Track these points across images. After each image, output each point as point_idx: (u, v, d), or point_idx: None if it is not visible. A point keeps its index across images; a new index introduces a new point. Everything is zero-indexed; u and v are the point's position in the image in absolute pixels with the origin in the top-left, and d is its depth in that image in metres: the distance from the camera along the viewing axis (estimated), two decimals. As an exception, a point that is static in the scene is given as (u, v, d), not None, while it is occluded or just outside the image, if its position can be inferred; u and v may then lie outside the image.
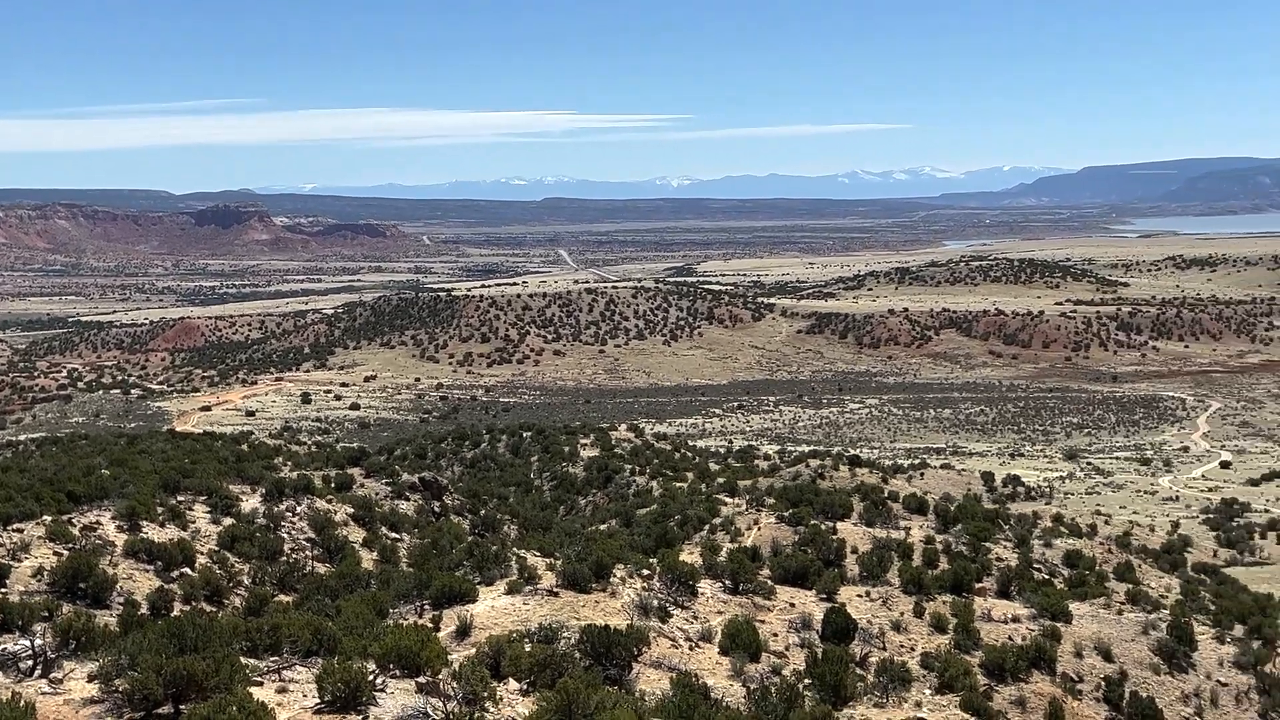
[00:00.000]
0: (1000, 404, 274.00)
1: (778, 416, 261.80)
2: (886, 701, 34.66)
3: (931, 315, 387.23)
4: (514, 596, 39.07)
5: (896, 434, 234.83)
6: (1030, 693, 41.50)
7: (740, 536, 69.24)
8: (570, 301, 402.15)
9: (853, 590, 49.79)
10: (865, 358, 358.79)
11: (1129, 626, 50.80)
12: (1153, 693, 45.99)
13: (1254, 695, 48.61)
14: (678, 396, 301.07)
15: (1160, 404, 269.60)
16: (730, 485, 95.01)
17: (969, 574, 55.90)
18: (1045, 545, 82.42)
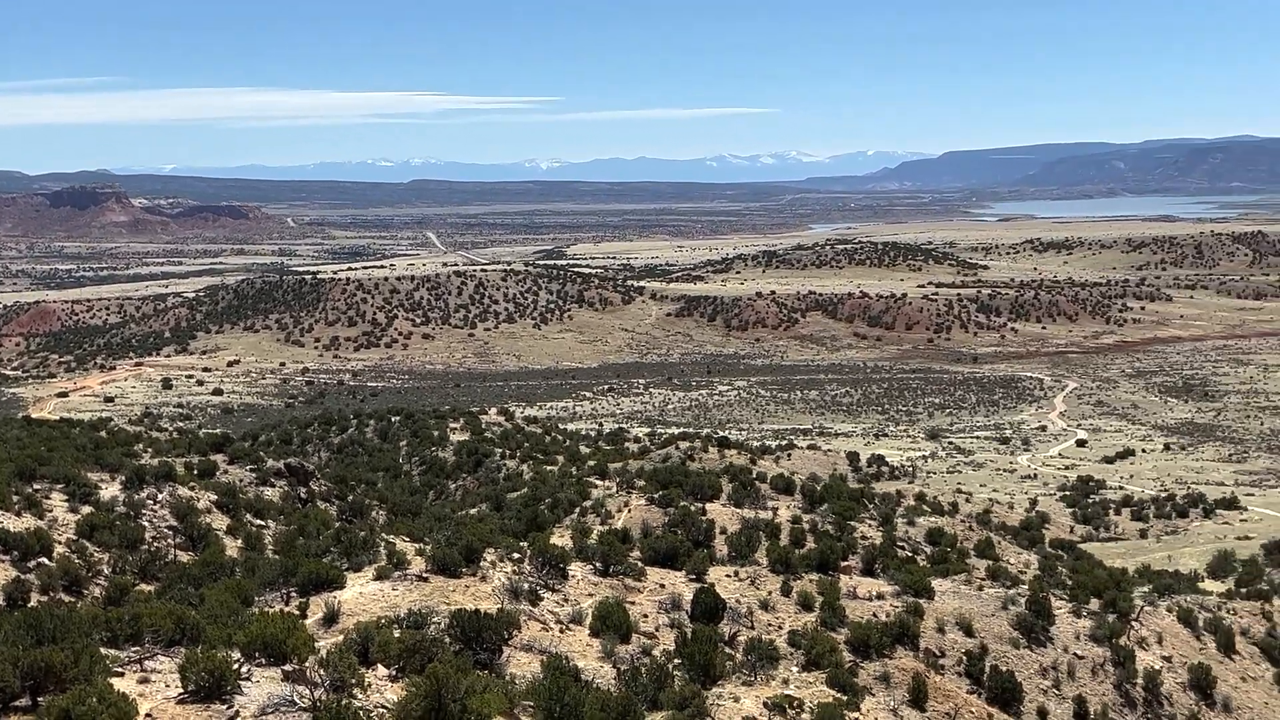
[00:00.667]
0: (865, 385, 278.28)
1: (648, 399, 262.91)
2: (755, 679, 35.06)
3: (798, 298, 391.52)
4: (383, 582, 38.74)
5: (765, 415, 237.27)
6: (894, 668, 42.29)
7: (611, 519, 69.46)
8: (439, 284, 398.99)
9: (722, 570, 50.23)
10: (734, 340, 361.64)
11: (989, 602, 51.98)
12: (1012, 666, 47.17)
13: (1109, 667, 50.10)
14: (548, 380, 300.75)
15: (1019, 384, 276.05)
16: (601, 468, 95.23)
17: (835, 553, 56.76)
18: (909, 523, 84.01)
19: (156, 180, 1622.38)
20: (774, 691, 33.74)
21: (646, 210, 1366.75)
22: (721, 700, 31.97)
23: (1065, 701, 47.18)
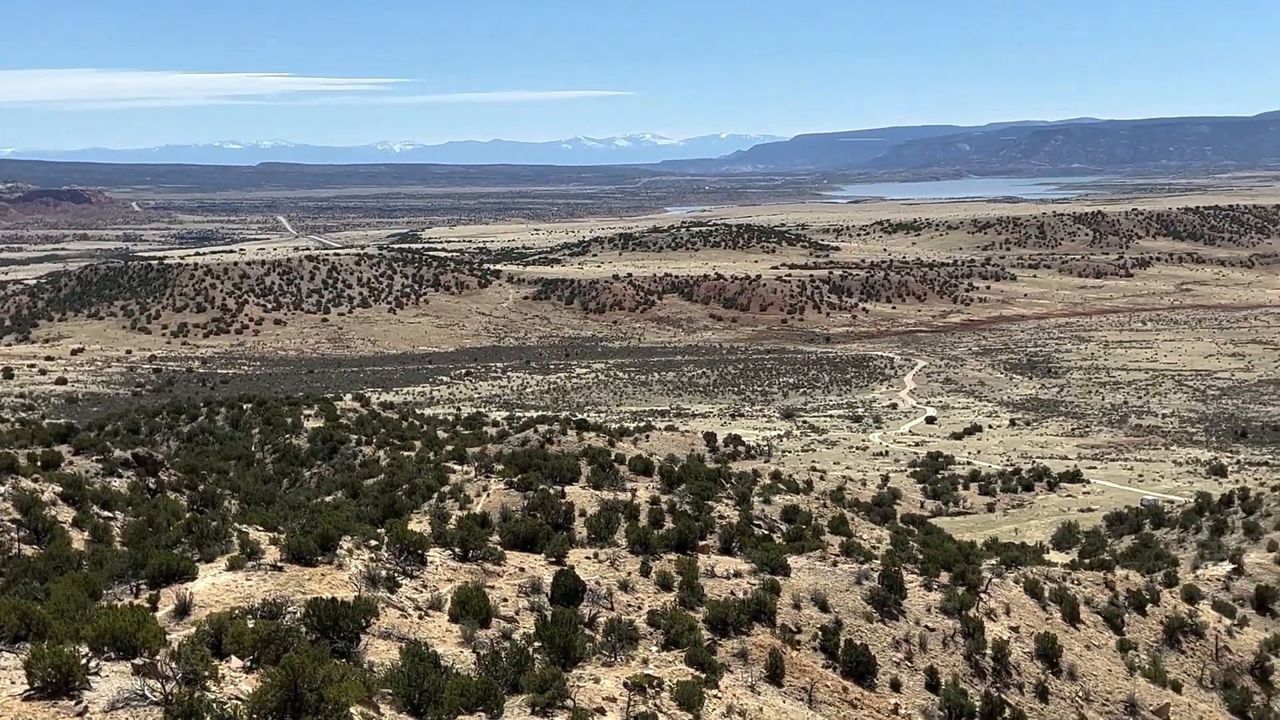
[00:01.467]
0: (721, 366, 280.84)
1: (506, 383, 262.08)
2: (615, 660, 35.20)
3: (655, 280, 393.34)
4: (236, 573, 38.04)
5: (623, 397, 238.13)
6: (752, 645, 42.80)
7: (470, 504, 69.14)
8: (291, 269, 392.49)
9: (582, 552, 50.32)
10: (591, 323, 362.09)
11: (844, 577, 52.85)
12: (866, 640, 48.05)
13: (959, 639, 51.32)
14: (404, 365, 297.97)
15: (870, 363, 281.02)
16: (459, 452, 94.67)
17: (693, 532, 57.24)
18: (765, 502, 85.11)
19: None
20: (634, 671, 33.92)
21: (502, 193, 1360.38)
22: (582, 682, 32.05)
23: (918, 673, 48.22)
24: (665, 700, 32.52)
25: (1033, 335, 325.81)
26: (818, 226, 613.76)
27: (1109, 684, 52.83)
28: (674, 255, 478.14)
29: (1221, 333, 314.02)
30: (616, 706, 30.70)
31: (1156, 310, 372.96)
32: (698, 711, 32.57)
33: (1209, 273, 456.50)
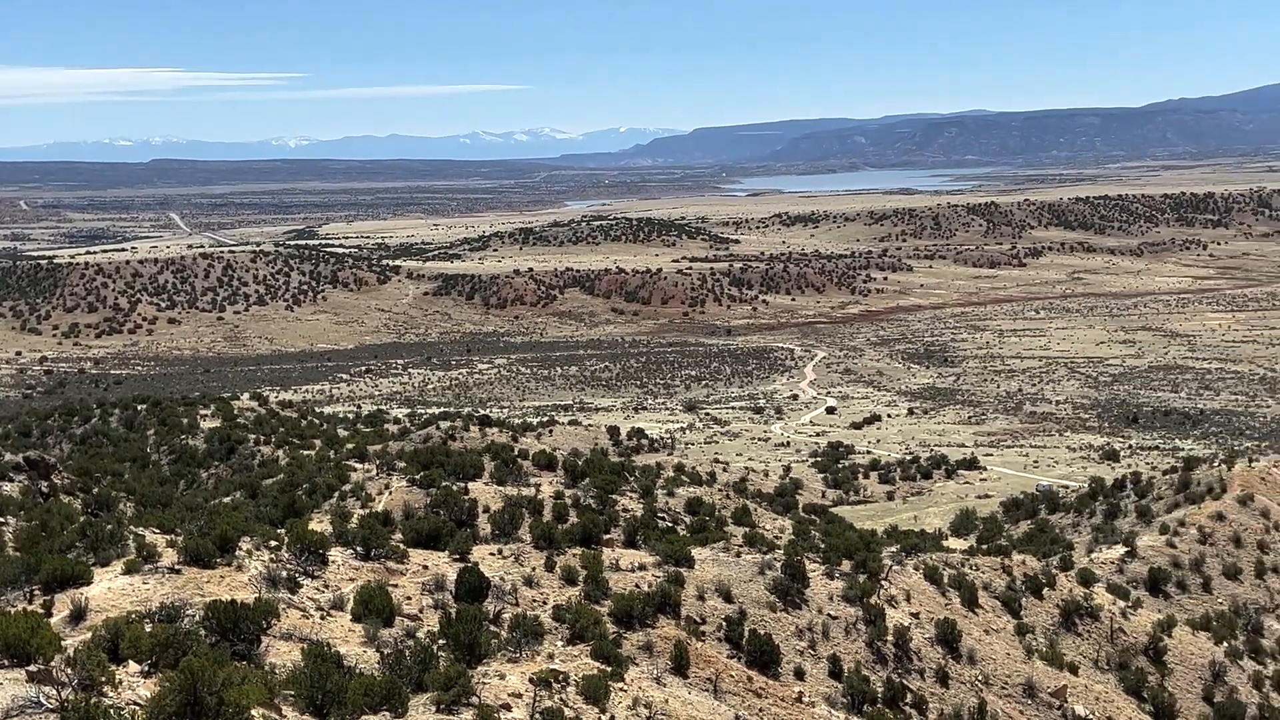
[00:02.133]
0: (624, 359, 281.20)
1: (407, 379, 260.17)
2: (520, 655, 35.16)
3: (556, 275, 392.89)
4: (133, 576, 37.41)
5: (526, 392, 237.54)
6: (657, 637, 42.96)
7: (371, 502, 68.59)
8: (185, 267, 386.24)
9: (486, 549, 50.16)
10: (493, 318, 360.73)
11: (747, 568, 53.21)
12: (770, 629, 48.44)
13: (861, 626, 51.93)
14: (303, 363, 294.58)
15: (771, 355, 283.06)
16: (360, 451, 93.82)
17: (598, 526, 57.30)
18: (669, 494, 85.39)
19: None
20: (540, 667, 33.90)
21: (400, 188, 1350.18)
22: (487, 678, 31.97)
23: (821, 661, 48.71)
24: (571, 695, 32.54)
25: (929, 325, 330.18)
26: (717, 219, 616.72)
27: (1008, 667, 53.74)
28: (575, 249, 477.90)
29: (1112, 320, 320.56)
30: (522, 702, 30.66)
31: (1049, 299, 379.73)
32: (604, 705, 32.63)
33: (1100, 261, 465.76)
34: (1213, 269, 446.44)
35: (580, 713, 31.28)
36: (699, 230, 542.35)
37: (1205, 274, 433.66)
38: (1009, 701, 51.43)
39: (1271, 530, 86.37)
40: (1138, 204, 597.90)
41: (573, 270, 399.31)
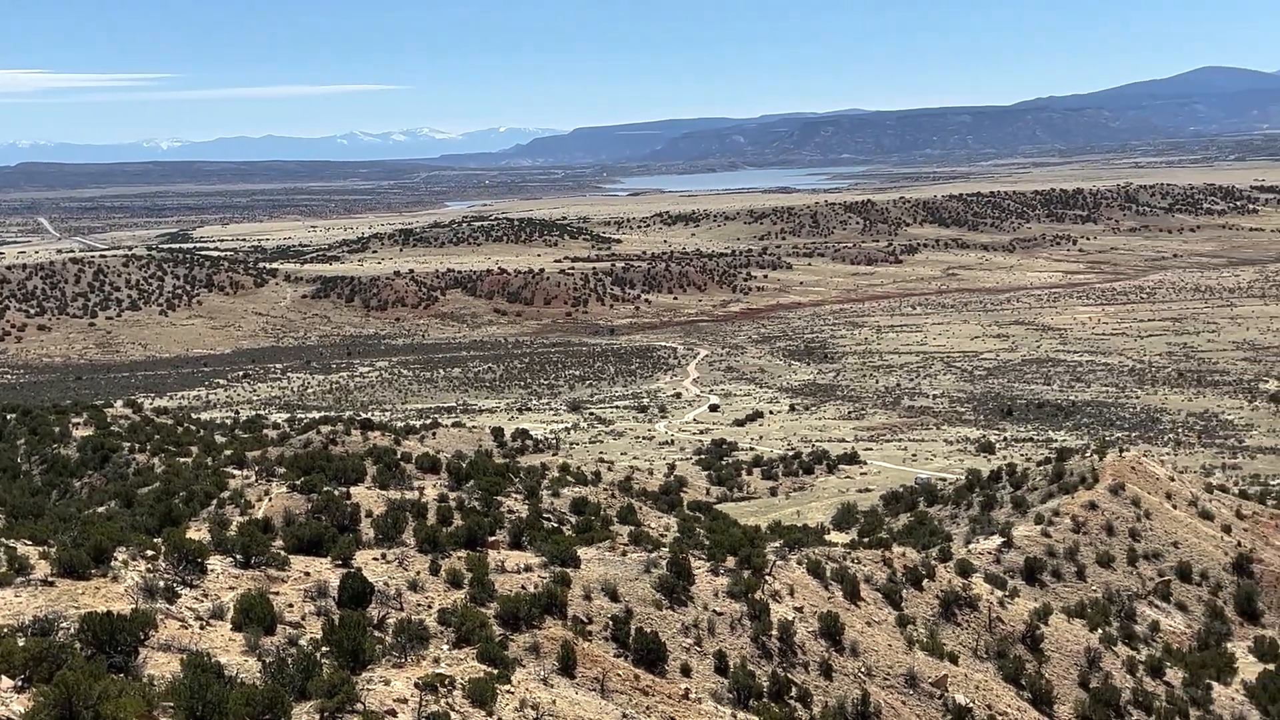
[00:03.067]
0: (507, 360, 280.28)
1: (286, 384, 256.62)
2: (406, 660, 34.90)
3: (437, 276, 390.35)
4: (4, 589, 36.42)
5: (408, 395, 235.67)
6: (544, 638, 42.90)
7: (251, 509, 67.56)
8: (54, 273, 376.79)
9: (369, 554, 49.71)
10: (373, 320, 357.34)
11: (633, 566, 53.35)
12: (656, 627, 48.62)
13: (746, 622, 52.34)
14: (178, 368, 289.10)
15: (654, 353, 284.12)
16: (238, 457, 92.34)
17: (482, 528, 57.06)
18: (554, 494, 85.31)
19: None
20: (425, 671, 33.67)
21: (276, 190, 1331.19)
22: (372, 684, 31.68)
23: (707, 657, 49.01)
24: (458, 698, 32.37)
25: (809, 322, 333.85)
26: (599, 219, 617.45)
27: (890, 658, 54.53)
28: (456, 250, 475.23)
29: (986, 315, 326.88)
30: (408, 707, 30.42)
31: (925, 295, 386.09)
32: (491, 707, 32.51)
33: (973, 258, 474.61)
34: (1082, 264, 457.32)
35: (467, 716, 31.13)
36: (581, 230, 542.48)
37: (1075, 269, 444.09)
38: (891, 692, 52.20)
39: (1143, 518, 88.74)
40: (1010, 201, 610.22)
41: (454, 271, 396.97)
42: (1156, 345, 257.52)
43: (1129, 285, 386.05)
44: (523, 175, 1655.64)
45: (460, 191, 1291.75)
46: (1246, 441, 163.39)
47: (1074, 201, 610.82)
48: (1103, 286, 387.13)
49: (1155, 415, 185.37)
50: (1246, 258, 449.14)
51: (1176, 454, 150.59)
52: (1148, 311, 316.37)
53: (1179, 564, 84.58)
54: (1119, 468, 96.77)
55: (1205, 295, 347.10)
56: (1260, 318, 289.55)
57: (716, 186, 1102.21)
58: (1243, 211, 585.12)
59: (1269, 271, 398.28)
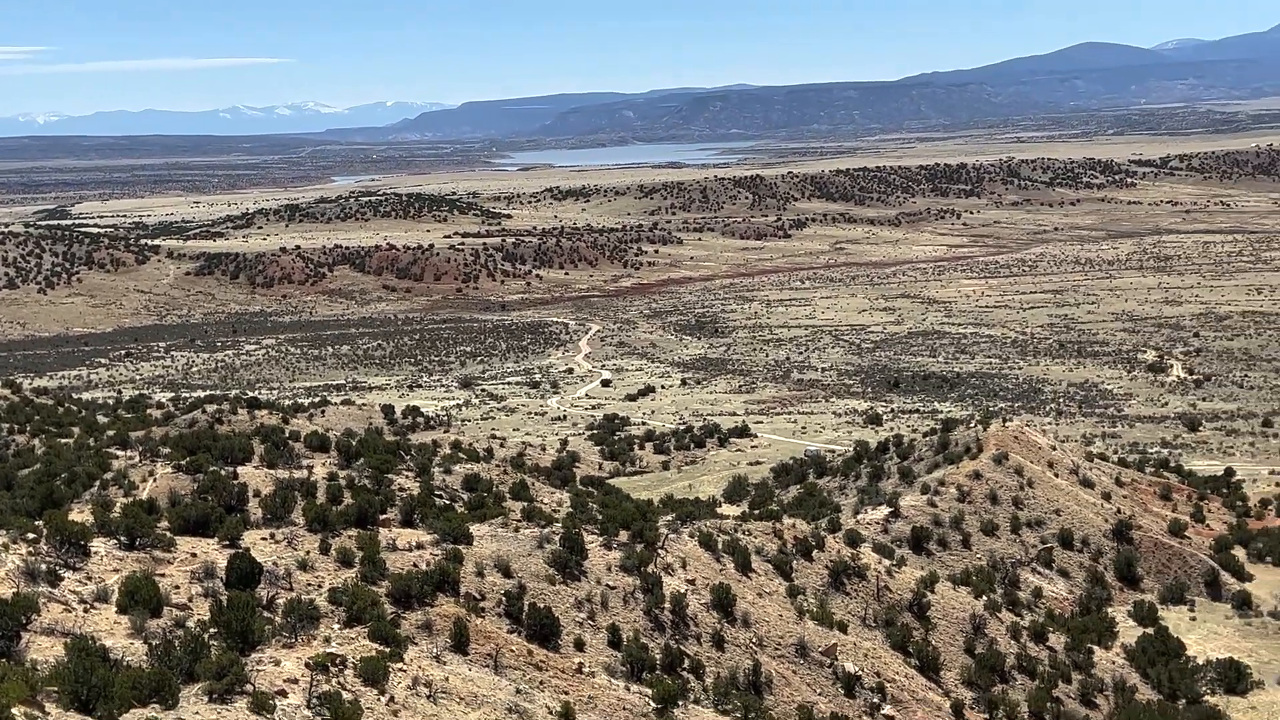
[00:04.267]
0: (397, 337, 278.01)
1: (170, 363, 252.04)
2: (296, 640, 34.61)
3: (325, 252, 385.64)
4: (-123, 577, 35.49)
5: (296, 373, 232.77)
6: (436, 615, 42.78)
7: (135, 490, 66.38)
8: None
9: (258, 534, 49.15)
10: (260, 298, 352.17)
11: (526, 542, 53.36)
12: (549, 602, 48.71)
13: (639, 595, 52.63)
14: (58, 348, 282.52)
15: (546, 329, 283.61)
16: (122, 437, 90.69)
17: (373, 506, 56.68)
18: (446, 472, 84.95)
19: None
20: (316, 651, 33.42)
21: (158, 165, 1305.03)
22: (262, 665, 31.40)
23: (600, 631, 49.21)
24: (349, 677, 32.20)
25: (700, 297, 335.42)
26: (489, 194, 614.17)
27: (781, 629, 55.19)
28: (344, 226, 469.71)
29: (873, 288, 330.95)
30: (299, 687, 30.20)
31: (814, 269, 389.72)
32: (383, 686, 32.39)
33: (860, 232, 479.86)
34: (966, 237, 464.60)
35: (359, 695, 30.98)
36: (470, 205, 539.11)
37: (960, 242, 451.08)
38: (782, 662, 52.86)
39: (1026, 487, 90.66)
40: (895, 176, 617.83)
41: (342, 247, 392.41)
42: (1038, 317, 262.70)
43: (1011, 258, 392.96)
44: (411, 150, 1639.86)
45: (347, 166, 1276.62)
46: (1125, 411, 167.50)
47: (958, 176, 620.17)
48: (986, 260, 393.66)
49: (1037, 386, 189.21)
50: (1125, 230, 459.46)
51: (1058, 423, 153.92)
52: (1029, 284, 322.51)
53: (1061, 531, 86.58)
54: (1002, 438, 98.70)
55: (1085, 268, 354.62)
56: (1138, 289, 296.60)
57: (607, 161, 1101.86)
58: (1121, 185, 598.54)
59: (1146, 244, 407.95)
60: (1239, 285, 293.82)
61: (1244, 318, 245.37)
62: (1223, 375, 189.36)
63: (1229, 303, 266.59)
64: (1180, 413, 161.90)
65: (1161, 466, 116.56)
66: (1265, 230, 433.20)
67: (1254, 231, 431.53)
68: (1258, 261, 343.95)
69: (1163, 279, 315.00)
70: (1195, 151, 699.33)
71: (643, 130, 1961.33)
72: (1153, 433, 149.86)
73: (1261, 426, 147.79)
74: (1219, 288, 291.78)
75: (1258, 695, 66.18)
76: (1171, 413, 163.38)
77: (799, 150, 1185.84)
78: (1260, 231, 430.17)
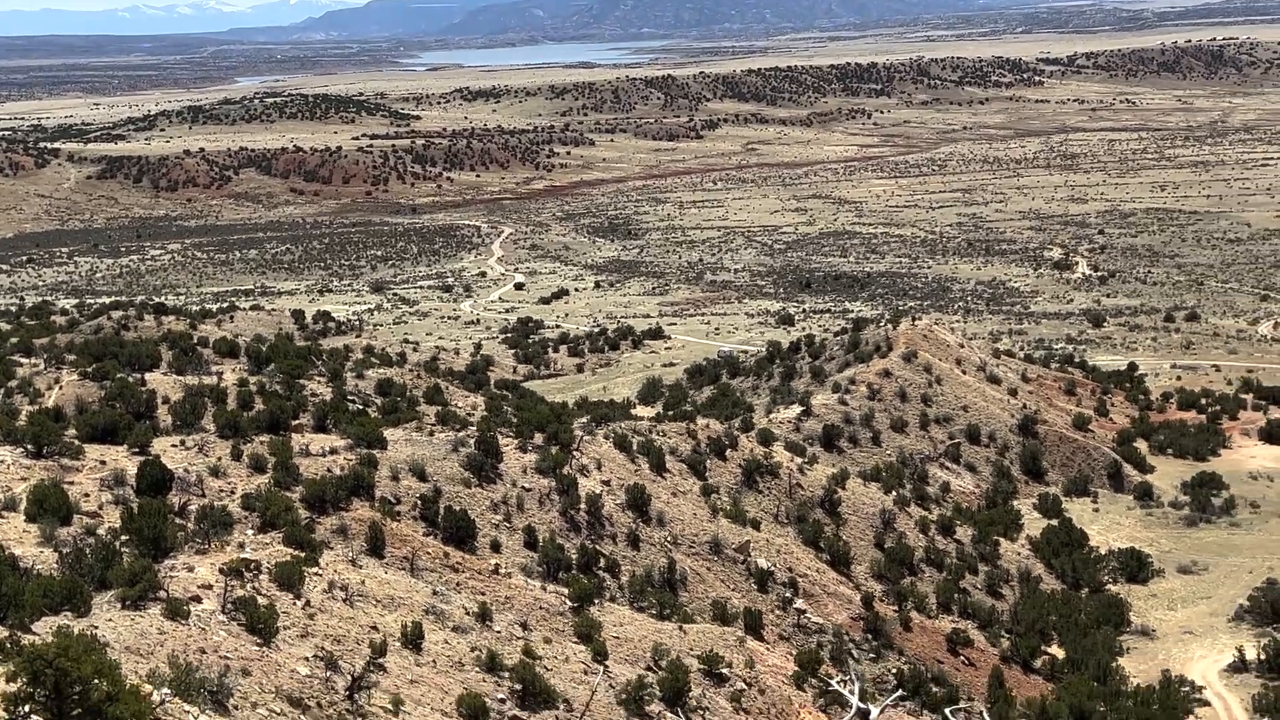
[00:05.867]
0: (306, 241, 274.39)
1: (73, 268, 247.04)
2: (209, 547, 34.48)
3: (230, 155, 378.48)
4: None
5: (203, 278, 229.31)
6: (352, 520, 42.80)
7: (41, 398, 65.32)
8: None
9: (168, 440, 48.73)
10: (164, 202, 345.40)
11: (441, 446, 53.38)
12: (465, 505, 48.89)
13: (555, 496, 52.96)
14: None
15: (458, 232, 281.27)
16: (25, 344, 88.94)
17: (285, 412, 56.35)
18: (358, 377, 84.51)
19: None
20: (230, 557, 33.32)
21: (55, 66, 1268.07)
22: (175, 572, 31.26)
23: (516, 532, 49.54)
24: (265, 582, 32.16)
25: (613, 199, 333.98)
26: (397, 95, 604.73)
27: (695, 527, 55.87)
28: (249, 128, 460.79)
29: (785, 189, 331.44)
30: (213, 593, 30.13)
31: (726, 170, 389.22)
32: (299, 590, 32.41)
33: (772, 132, 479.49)
34: (877, 137, 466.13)
35: (274, 599, 30.97)
36: (379, 107, 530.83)
37: (870, 142, 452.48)
38: (697, 559, 53.58)
39: (934, 384, 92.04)
40: (807, 75, 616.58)
41: (248, 150, 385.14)
42: (947, 216, 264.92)
43: (921, 158, 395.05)
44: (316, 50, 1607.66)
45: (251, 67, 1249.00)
46: (1032, 308, 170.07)
47: (868, 76, 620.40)
48: (896, 160, 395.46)
49: (946, 284, 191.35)
50: (1032, 129, 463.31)
51: (966, 321, 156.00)
52: (939, 184, 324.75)
53: (969, 427, 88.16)
54: (912, 336, 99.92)
55: (993, 167, 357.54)
56: (1045, 188, 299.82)
57: (517, 62, 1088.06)
58: (1029, 84, 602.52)
59: (1053, 142, 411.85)
60: (1143, 183, 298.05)
61: (1148, 215, 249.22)
62: (1126, 272, 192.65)
63: (1133, 200, 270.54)
64: (1085, 309, 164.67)
65: (1066, 362, 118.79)
66: (1169, 128, 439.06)
67: (1158, 129, 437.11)
68: (1161, 159, 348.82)
69: (1069, 177, 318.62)
70: (1102, 50, 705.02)
71: (553, 29, 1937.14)
72: (1058, 329, 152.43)
73: (1164, 321, 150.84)
74: (1124, 185, 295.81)
75: (1158, 583, 68.28)
76: (1076, 309, 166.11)
77: (710, 50, 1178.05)
78: (1164, 129, 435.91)
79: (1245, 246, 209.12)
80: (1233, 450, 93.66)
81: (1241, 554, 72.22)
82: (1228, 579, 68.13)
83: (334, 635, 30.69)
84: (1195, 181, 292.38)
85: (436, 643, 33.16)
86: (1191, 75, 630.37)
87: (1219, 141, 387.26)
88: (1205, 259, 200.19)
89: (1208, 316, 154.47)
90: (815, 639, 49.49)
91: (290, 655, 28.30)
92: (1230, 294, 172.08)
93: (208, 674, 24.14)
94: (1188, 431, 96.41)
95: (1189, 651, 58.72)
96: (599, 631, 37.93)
